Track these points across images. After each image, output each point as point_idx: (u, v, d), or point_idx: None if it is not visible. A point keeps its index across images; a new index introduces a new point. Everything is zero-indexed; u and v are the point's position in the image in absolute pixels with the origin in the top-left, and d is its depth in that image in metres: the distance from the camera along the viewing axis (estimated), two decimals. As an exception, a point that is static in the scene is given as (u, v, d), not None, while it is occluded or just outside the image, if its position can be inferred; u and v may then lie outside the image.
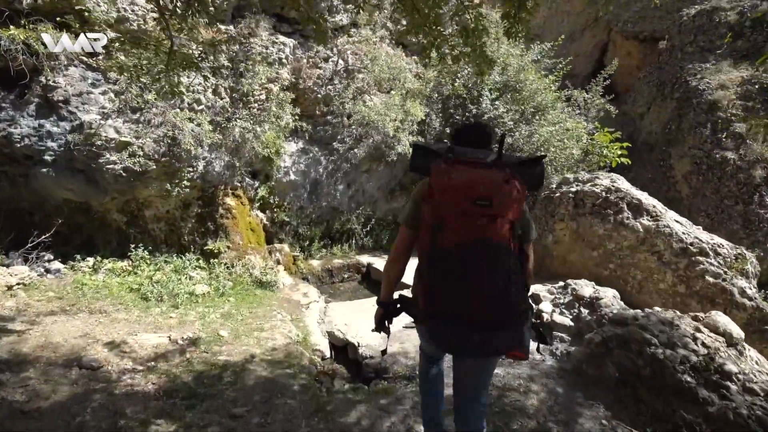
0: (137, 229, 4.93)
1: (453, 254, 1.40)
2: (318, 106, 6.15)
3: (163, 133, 4.31)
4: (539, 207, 5.39)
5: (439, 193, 1.43)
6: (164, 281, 4.34)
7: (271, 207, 5.96)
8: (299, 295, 4.93)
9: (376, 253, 6.79)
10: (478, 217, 1.38)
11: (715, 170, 7.17)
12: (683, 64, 9.09)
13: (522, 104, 6.93)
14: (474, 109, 6.70)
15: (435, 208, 1.45)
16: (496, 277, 1.38)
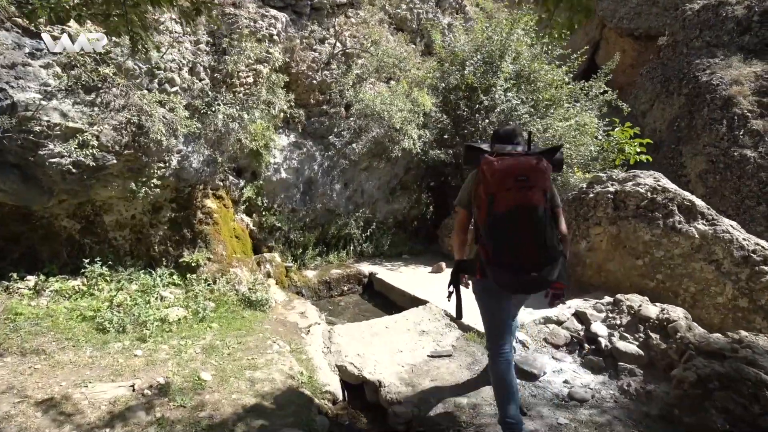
0: (94, 238, 4.00)
1: (505, 217, 1.91)
2: (313, 93, 5.36)
3: (126, 118, 3.44)
4: (568, 209, 4.77)
5: (491, 176, 1.93)
6: (128, 305, 3.46)
7: (259, 210, 5.12)
8: (296, 316, 4.14)
9: (377, 261, 6.04)
10: (519, 190, 1.88)
11: (733, 169, 6.77)
12: (690, 59, 8.74)
13: (536, 95, 6.34)
14: (486, 100, 6.05)
15: (487, 188, 1.95)
16: (536, 230, 1.90)
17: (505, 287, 2.05)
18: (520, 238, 1.91)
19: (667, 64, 9.57)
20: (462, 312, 2.37)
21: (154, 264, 4.20)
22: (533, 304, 4.09)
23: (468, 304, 2.46)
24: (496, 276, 1.98)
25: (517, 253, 1.92)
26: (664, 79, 9.37)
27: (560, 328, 3.49)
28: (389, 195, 6.53)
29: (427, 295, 4.54)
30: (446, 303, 3.94)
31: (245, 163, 4.88)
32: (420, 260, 6.16)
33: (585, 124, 6.45)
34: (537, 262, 1.91)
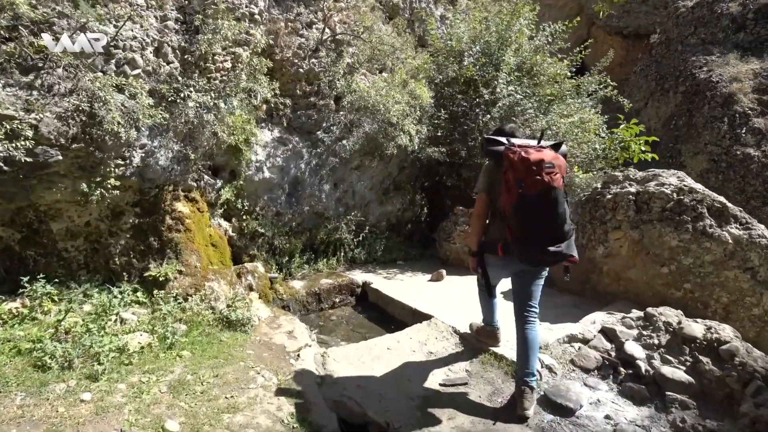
0: (39, 250, 3.36)
1: (535, 198, 2.15)
2: (299, 84, 4.81)
3: (75, 105, 2.83)
4: (581, 211, 4.38)
5: (522, 165, 2.16)
6: (78, 332, 2.85)
7: (239, 214, 4.54)
8: (283, 336, 3.59)
9: (371, 268, 5.54)
10: (547, 175, 2.14)
11: (736, 168, 6.57)
12: (685, 56, 8.56)
13: (538, 89, 5.95)
14: (487, 94, 5.62)
15: (517, 174, 2.17)
16: (558, 210, 2.19)
17: (530, 262, 2.33)
18: (545, 217, 2.19)
19: (661, 62, 9.39)
20: (492, 290, 2.80)
21: (115, 279, 3.58)
22: (551, 318, 3.68)
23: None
24: (522, 252, 2.26)
25: (543, 230, 2.21)
26: (658, 77, 9.18)
27: (588, 348, 3.07)
28: (382, 196, 6.04)
29: (430, 308, 4.06)
30: (452, 317, 3.67)
31: (223, 161, 4.30)
32: (416, 267, 5.68)
33: (587, 121, 6.11)
34: (558, 237, 2.21)
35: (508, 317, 2.91)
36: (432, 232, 6.50)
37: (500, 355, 3.11)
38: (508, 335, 3.24)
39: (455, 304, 4.19)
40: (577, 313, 3.86)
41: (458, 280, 5.06)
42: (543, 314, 3.89)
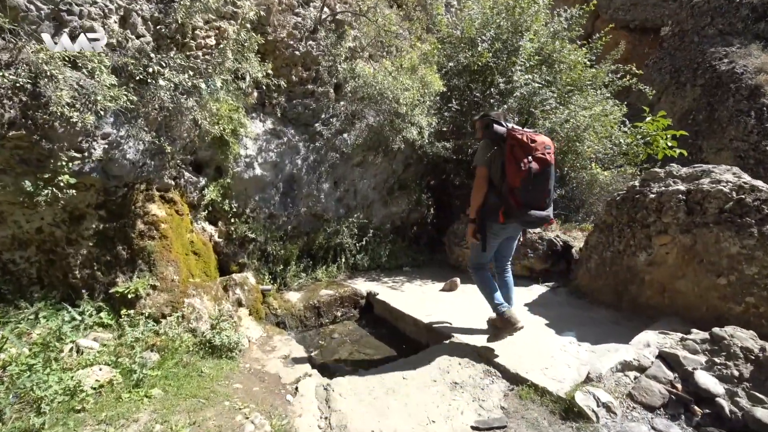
0: (-22, 262, 2.76)
1: (539, 173, 2.57)
2: (295, 68, 4.23)
3: (11, 82, 2.23)
4: (616, 213, 3.87)
5: (530, 144, 2.58)
6: (19, 368, 2.25)
7: (226, 216, 3.95)
8: (277, 362, 3.02)
9: (375, 276, 4.98)
10: (547, 155, 2.60)
11: (767, 165, 6.12)
12: (703, 48, 8.12)
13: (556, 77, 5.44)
14: (502, 83, 5.09)
15: (527, 152, 2.57)
16: (551, 183, 2.67)
17: (529, 224, 2.81)
18: (544, 188, 2.63)
19: (675, 54, 8.95)
20: (489, 256, 3.09)
21: (75, 296, 2.98)
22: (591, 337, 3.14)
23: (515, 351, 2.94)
24: (525, 216, 2.63)
25: (541, 198, 2.64)
26: (673, 70, 8.74)
27: (647, 379, 2.54)
28: (386, 196, 5.48)
29: (447, 323, 3.52)
30: (477, 336, 3.26)
31: (206, 156, 3.71)
32: (425, 274, 5.14)
33: (608, 114, 5.60)
34: (548, 204, 2.69)
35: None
36: (440, 235, 5.97)
37: (542, 388, 2.57)
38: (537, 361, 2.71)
39: (476, 319, 3.65)
40: (619, 331, 3.34)
41: (474, 290, 4.50)
42: (580, 332, 3.40)
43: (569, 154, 5.55)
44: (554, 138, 5.33)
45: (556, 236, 4.80)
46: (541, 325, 3.53)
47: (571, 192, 5.81)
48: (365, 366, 3.31)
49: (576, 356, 2.97)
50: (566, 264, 4.77)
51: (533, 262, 4.75)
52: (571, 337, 3.27)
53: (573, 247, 4.74)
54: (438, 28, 5.71)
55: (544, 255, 4.71)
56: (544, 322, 3.58)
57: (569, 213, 5.71)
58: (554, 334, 3.35)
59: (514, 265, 4.82)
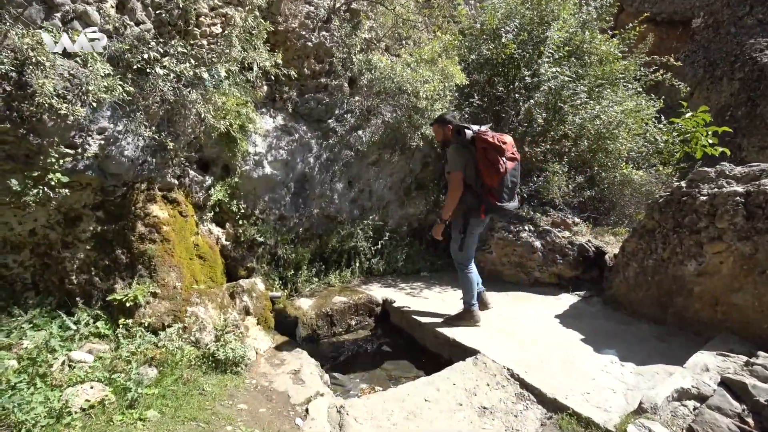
0: (-32, 266, 2.57)
1: (512, 171, 2.97)
2: (307, 61, 3.97)
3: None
4: (659, 216, 3.50)
5: (503, 146, 2.89)
6: (3, 384, 2.04)
7: (234, 218, 3.72)
8: (286, 379, 2.76)
9: (391, 282, 4.70)
10: (515, 154, 3.02)
11: (817, 164, 5.59)
12: (741, 39, 7.61)
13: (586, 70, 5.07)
14: (528, 76, 4.75)
15: (500, 153, 2.89)
16: (519, 179, 3.11)
17: (505, 216, 3.84)
18: (514, 184, 3.07)
19: (709, 47, 8.42)
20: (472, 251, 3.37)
21: (72, 303, 2.77)
22: (636, 357, 2.78)
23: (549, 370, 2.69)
24: (503, 211, 3.08)
25: (513, 194, 3.08)
26: (707, 63, 8.22)
27: (711, 411, 2.18)
28: (403, 196, 5.19)
29: (472, 338, 3.21)
30: (505, 353, 2.97)
31: (213, 153, 3.48)
32: (444, 280, 4.83)
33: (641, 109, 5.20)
34: (517, 195, 3.17)
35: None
36: (459, 238, 5.65)
37: (586, 419, 2.24)
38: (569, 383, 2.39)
39: (504, 332, 3.33)
40: (666, 349, 2.99)
41: (499, 297, 4.19)
42: (621, 350, 3.04)
43: (599, 153, 5.17)
44: (583, 135, 4.96)
45: (588, 241, 4.43)
46: (576, 341, 3.19)
47: (601, 193, 5.42)
48: (382, 382, 3.04)
49: (620, 379, 2.63)
50: (599, 271, 4.40)
51: (562, 268, 4.39)
52: (611, 356, 2.92)
53: (606, 253, 4.37)
54: (458, 18, 5.40)
55: (575, 261, 4.35)
56: (579, 337, 3.23)
57: (599, 216, 5.32)
58: (592, 351, 3.01)
59: (541, 272, 4.51)
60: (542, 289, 4.46)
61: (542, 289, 4.46)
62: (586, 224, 4.82)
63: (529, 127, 4.85)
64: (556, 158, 4.85)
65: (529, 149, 4.73)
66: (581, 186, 4.99)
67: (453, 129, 3.05)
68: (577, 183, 4.91)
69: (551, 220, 4.64)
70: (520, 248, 4.49)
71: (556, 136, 4.85)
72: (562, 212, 4.83)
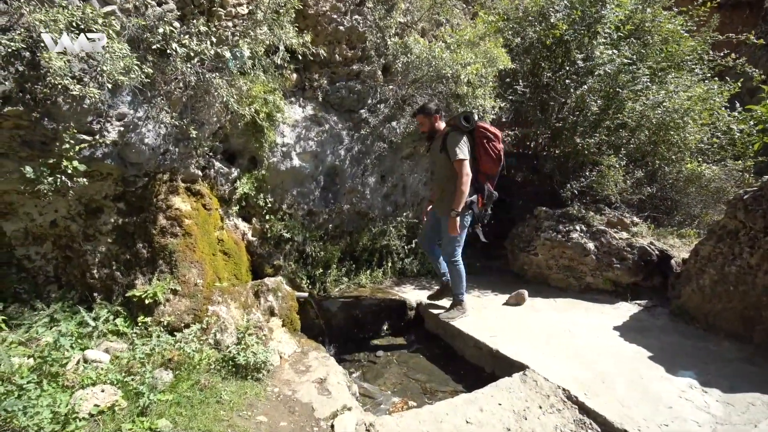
0: (-9, 258, 2.51)
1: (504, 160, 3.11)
2: (339, 47, 3.73)
3: (10, 49, 1.89)
4: (745, 216, 2.98)
5: (497, 135, 3.03)
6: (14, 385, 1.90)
7: (261, 213, 3.53)
8: (311, 388, 2.51)
9: (426, 283, 4.38)
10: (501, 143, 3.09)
11: None
12: (828, 16, 6.67)
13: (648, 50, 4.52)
14: (580, 60, 4.28)
15: (499, 143, 3.03)
16: None
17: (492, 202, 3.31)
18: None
19: (790, 28, 7.49)
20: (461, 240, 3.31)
21: (93, 298, 2.66)
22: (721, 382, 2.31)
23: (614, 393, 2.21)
24: (492, 198, 3.22)
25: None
26: (785, 46, 7.30)
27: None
28: (439, 193, 4.84)
29: (518, 350, 2.83)
30: (558, 369, 2.59)
31: (239, 144, 3.30)
32: (484, 283, 4.45)
33: (711, 96, 4.58)
34: None
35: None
36: (498, 239, 5.23)
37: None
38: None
39: (555, 345, 2.94)
40: (757, 374, 2.49)
41: (546, 304, 3.78)
42: (701, 372, 2.55)
43: (661, 145, 4.60)
44: (644, 125, 4.42)
45: (650, 244, 3.91)
46: (642, 358, 2.74)
47: (663, 191, 4.83)
48: (416, 396, 2.73)
49: (705, 409, 2.18)
50: (662, 278, 3.87)
51: (619, 274, 3.90)
52: (689, 379, 2.47)
53: (672, 258, 3.84)
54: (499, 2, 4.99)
55: (635, 266, 3.85)
56: (646, 354, 2.78)
57: (660, 216, 4.75)
58: (664, 372, 2.56)
59: (594, 277, 4.04)
60: (595, 297, 3.99)
61: (595, 297, 3.99)
62: (647, 225, 4.28)
63: (580, 116, 4.38)
64: (612, 150, 4.35)
65: (580, 140, 4.26)
66: (640, 182, 4.45)
67: (458, 116, 3.01)
68: (635, 178, 4.38)
69: (606, 219, 4.14)
70: (571, 250, 4.04)
71: (612, 126, 4.35)
72: (619, 211, 4.32)
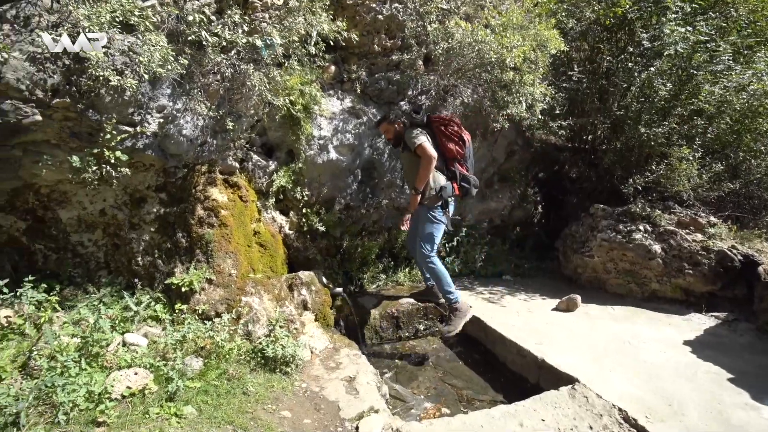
0: (50, 243, 2.70)
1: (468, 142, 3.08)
2: (377, 36, 3.63)
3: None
4: None
5: (452, 120, 2.99)
6: (54, 362, 2.00)
7: (297, 206, 3.52)
8: (339, 386, 2.42)
9: (468, 284, 4.16)
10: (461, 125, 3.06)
11: None
12: None
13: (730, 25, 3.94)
14: (646, 39, 3.83)
15: (457, 126, 3.00)
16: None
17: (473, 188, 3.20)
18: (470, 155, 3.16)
19: None
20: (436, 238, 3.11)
21: (136, 284, 2.78)
22: None
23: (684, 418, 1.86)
24: (472, 181, 3.15)
25: (472, 168, 3.22)
26: None
27: None
28: (484, 189, 4.60)
29: (567, 360, 2.55)
30: (616, 385, 2.34)
31: (277, 137, 3.31)
32: (531, 286, 4.13)
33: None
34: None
35: None
36: (549, 239, 4.86)
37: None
38: None
39: (612, 357, 2.61)
40: None
41: (602, 311, 3.41)
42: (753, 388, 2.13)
43: (745, 134, 3.99)
44: (724, 111, 3.85)
45: (732, 248, 3.39)
46: (722, 381, 2.35)
47: (747, 187, 4.20)
48: (451, 403, 2.55)
49: None
50: (747, 288, 3.34)
51: (692, 281, 3.42)
52: (783, 408, 2.05)
53: (761, 265, 3.29)
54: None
55: (712, 273, 3.36)
56: (726, 377, 2.38)
57: (744, 216, 4.13)
58: (749, 399, 2.16)
59: (661, 283, 3.58)
60: (661, 306, 3.54)
61: (661, 306, 3.54)
62: (727, 226, 3.73)
63: (646, 102, 3.91)
64: (685, 141, 3.84)
65: (646, 130, 3.80)
66: (719, 177, 3.89)
67: (408, 111, 3.10)
68: (713, 173, 3.83)
69: (677, 218, 3.66)
70: (633, 252, 3.61)
71: (684, 113, 3.84)
72: (692, 209, 3.81)
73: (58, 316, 2.50)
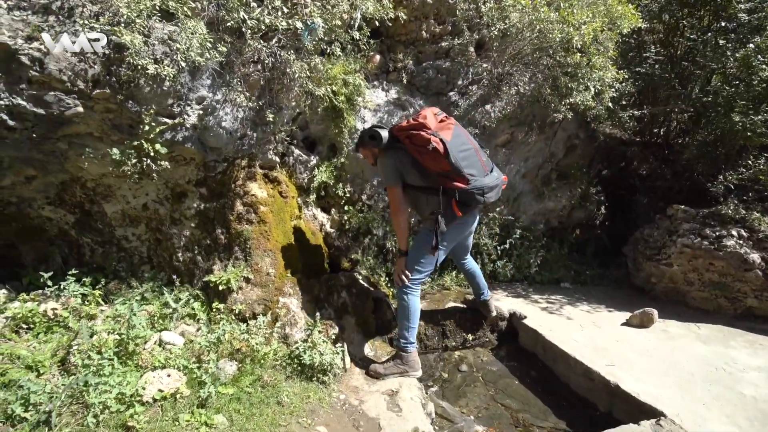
0: (97, 237, 2.72)
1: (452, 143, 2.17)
2: (426, 22, 3.38)
3: (99, 33, 1.94)
4: None
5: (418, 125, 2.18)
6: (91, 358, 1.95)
7: (339, 203, 3.36)
8: (380, 400, 2.21)
9: (522, 291, 3.79)
10: (443, 117, 2.28)
11: None
12: None
13: None
14: (744, 11, 3.26)
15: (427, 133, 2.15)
16: (470, 140, 2.33)
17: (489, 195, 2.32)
18: (468, 149, 2.25)
19: None
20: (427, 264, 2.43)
21: (176, 280, 2.73)
22: None
23: None
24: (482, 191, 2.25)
25: (477, 160, 2.28)
26: None
27: None
28: (540, 187, 4.20)
29: (649, 387, 2.15)
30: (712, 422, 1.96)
31: (319, 131, 3.16)
32: (595, 296, 3.68)
33: None
34: (489, 163, 2.39)
35: None
36: (614, 243, 4.36)
37: None
38: None
39: (705, 386, 2.18)
40: None
41: (684, 329, 2.93)
42: None
43: None
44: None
45: None
46: None
47: None
48: (505, 428, 2.25)
49: None
50: None
51: (803, 297, 2.84)
52: None
53: None
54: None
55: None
56: None
57: None
58: None
59: (760, 299, 3.02)
60: (760, 326, 2.99)
61: (760, 326, 2.99)
62: None
63: (741, 86, 3.34)
64: (792, 131, 3.23)
65: (742, 118, 3.24)
66: (836, 173, 3.24)
67: (364, 135, 2.38)
68: (829, 169, 3.19)
69: (781, 222, 3.08)
70: (723, 262, 3.08)
71: (792, 98, 3.23)
72: (801, 212, 3.19)
73: (102, 310, 2.50)
